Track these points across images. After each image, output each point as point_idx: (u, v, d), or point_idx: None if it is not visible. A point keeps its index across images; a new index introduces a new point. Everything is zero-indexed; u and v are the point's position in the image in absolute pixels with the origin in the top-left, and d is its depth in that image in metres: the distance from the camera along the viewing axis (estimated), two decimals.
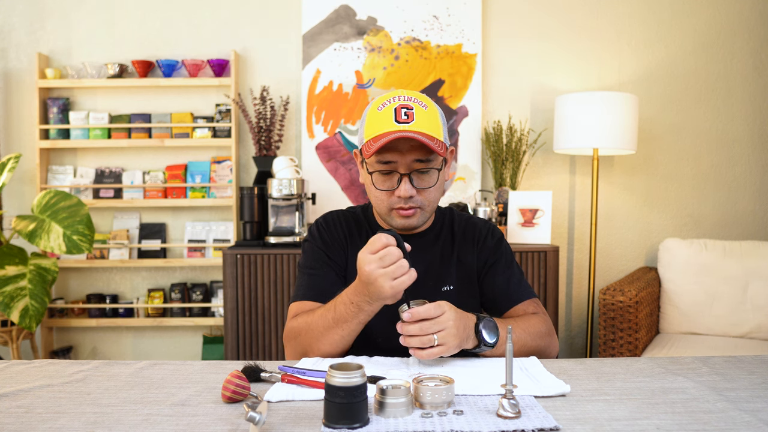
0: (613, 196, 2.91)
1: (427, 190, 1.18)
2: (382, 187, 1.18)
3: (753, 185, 2.90)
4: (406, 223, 1.20)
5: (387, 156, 1.15)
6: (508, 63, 2.89)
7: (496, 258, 1.29)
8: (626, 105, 2.51)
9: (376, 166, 1.16)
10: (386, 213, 1.20)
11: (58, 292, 2.94)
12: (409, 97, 1.16)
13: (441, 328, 0.98)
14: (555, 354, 1.21)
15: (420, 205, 1.18)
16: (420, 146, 1.14)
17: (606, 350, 2.39)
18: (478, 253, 1.30)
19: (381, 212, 1.22)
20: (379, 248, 0.99)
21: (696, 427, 0.76)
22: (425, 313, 0.98)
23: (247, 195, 2.61)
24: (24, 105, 2.91)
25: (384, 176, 1.17)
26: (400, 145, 1.13)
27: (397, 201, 1.17)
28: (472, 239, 1.31)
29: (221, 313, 2.81)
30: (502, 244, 1.32)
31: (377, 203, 1.21)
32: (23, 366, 1.07)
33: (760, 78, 2.88)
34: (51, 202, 2.52)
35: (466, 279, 1.28)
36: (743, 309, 2.49)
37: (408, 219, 1.19)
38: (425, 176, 1.17)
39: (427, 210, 1.20)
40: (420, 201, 1.18)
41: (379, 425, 0.77)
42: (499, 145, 2.77)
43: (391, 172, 1.16)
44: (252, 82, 2.89)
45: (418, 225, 1.22)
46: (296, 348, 1.16)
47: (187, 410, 0.84)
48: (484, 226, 1.34)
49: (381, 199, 1.19)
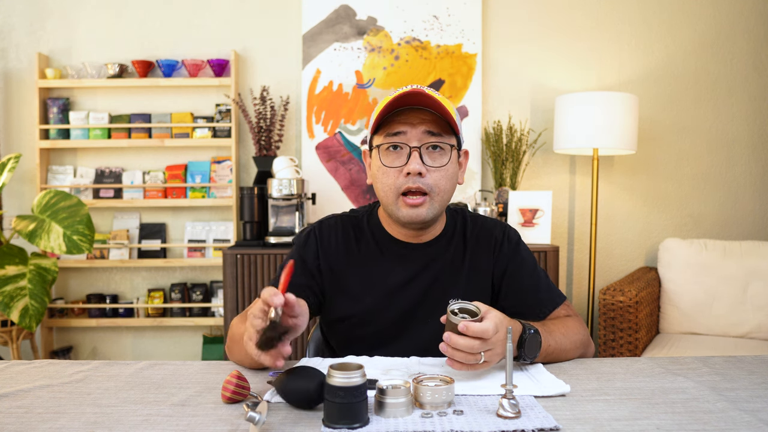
0: (613, 196, 2.91)
1: (438, 172, 1.09)
2: (391, 164, 1.09)
3: (753, 185, 2.91)
4: (413, 213, 1.10)
5: (396, 126, 1.08)
6: (508, 63, 2.89)
7: (517, 265, 1.21)
8: (626, 105, 2.51)
9: (384, 139, 1.10)
10: (393, 201, 1.11)
11: (58, 292, 2.94)
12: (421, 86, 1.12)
13: (490, 348, 0.91)
14: (592, 354, 1.15)
15: (429, 190, 1.09)
16: (432, 120, 1.08)
17: (606, 350, 2.39)
18: (494, 261, 1.21)
19: (389, 201, 1.11)
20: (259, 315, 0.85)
21: (696, 427, 0.76)
22: (481, 333, 0.89)
23: (247, 195, 2.61)
24: (24, 105, 2.91)
25: (392, 152, 1.10)
26: (411, 117, 1.07)
27: (405, 181, 1.08)
28: (487, 246, 1.21)
29: (221, 313, 2.81)
30: (520, 247, 1.23)
31: (385, 190, 1.11)
32: (23, 366, 1.07)
33: (760, 78, 2.88)
34: (51, 202, 2.52)
35: (478, 289, 1.20)
36: (743, 309, 2.49)
37: (416, 209, 1.09)
38: (436, 154, 1.10)
39: (436, 200, 1.11)
40: (430, 185, 1.09)
41: (379, 425, 0.77)
42: (499, 145, 2.77)
43: (400, 147, 1.09)
44: (252, 82, 2.89)
45: (427, 218, 1.11)
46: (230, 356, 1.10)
47: (187, 410, 0.84)
48: (499, 229, 1.24)
49: (389, 183, 1.10)
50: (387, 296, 1.17)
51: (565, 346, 1.08)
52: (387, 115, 1.10)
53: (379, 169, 1.12)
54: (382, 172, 1.11)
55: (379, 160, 1.11)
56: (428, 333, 1.12)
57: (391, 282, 1.18)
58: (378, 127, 1.13)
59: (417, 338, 1.16)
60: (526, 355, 0.99)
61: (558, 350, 1.06)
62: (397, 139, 1.09)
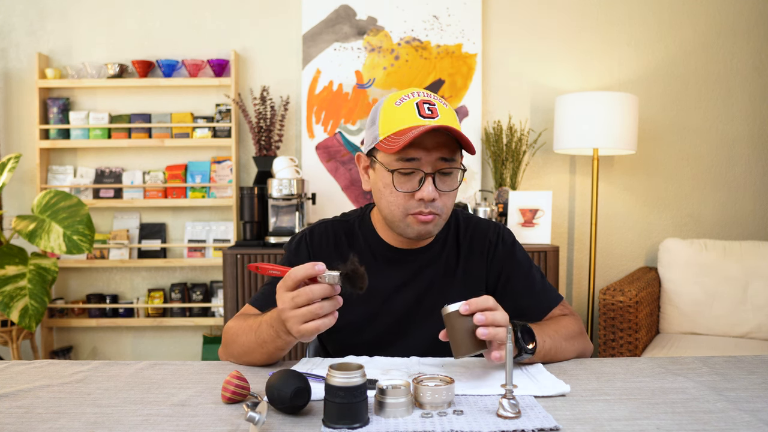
0: (613, 196, 2.91)
1: (447, 195, 1.09)
2: (402, 188, 1.07)
3: (753, 185, 2.90)
4: (423, 229, 1.09)
5: (411, 153, 1.04)
6: (508, 63, 2.89)
7: (512, 267, 1.20)
8: (626, 105, 2.51)
9: (398, 164, 1.06)
10: (401, 219, 1.09)
11: (58, 292, 2.94)
12: (427, 93, 1.09)
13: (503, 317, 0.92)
14: (588, 354, 1.15)
15: (439, 212, 1.09)
16: (445, 144, 1.06)
17: (606, 350, 2.39)
18: (488, 264, 1.20)
19: (394, 218, 1.10)
20: (291, 286, 0.88)
21: (696, 427, 0.76)
22: (483, 301, 0.91)
23: (247, 195, 2.61)
24: (24, 105, 2.91)
25: (404, 176, 1.07)
26: (426, 141, 1.04)
27: (416, 205, 1.07)
28: (481, 249, 1.21)
29: (221, 313, 2.81)
30: (515, 248, 1.23)
31: (391, 208, 1.09)
32: (23, 366, 1.07)
33: (760, 78, 2.88)
34: (51, 202, 2.52)
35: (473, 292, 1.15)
36: (743, 309, 2.49)
37: (426, 225, 1.09)
38: (448, 178, 1.09)
39: (443, 218, 1.11)
40: (439, 207, 1.08)
41: (379, 425, 0.77)
42: (499, 145, 2.77)
43: (413, 172, 1.06)
44: (252, 82, 2.89)
45: (434, 233, 1.12)
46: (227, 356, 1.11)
47: (187, 410, 0.84)
48: (493, 231, 1.23)
49: (397, 203, 1.08)
50: (381, 303, 1.17)
51: (562, 345, 1.07)
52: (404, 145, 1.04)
53: (387, 187, 1.09)
54: (390, 192, 1.09)
55: (391, 182, 1.08)
56: (424, 338, 1.12)
57: (385, 288, 1.17)
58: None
59: (413, 344, 1.16)
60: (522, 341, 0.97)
61: (555, 349, 1.05)
62: (411, 166, 1.06)
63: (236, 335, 1.07)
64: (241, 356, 1.07)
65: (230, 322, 1.12)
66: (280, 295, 0.90)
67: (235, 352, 1.08)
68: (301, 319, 0.87)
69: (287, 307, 0.88)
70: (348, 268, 0.86)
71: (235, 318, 1.13)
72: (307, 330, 0.87)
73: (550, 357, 1.05)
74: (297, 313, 0.87)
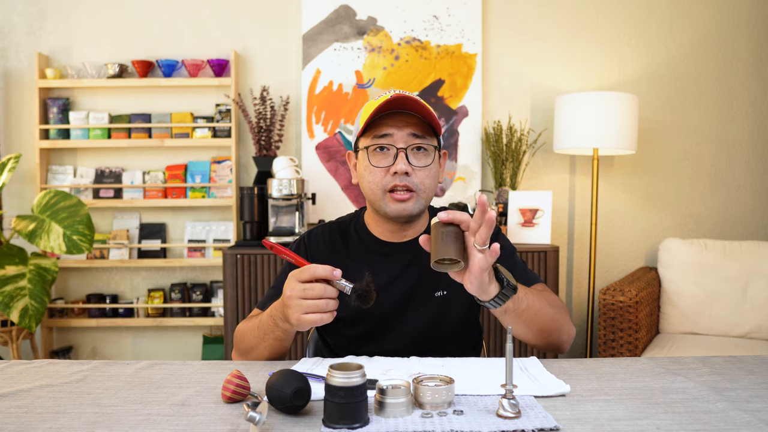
0: (613, 196, 2.92)
1: (422, 171, 1.15)
2: (378, 164, 1.15)
3: (753, 185, 2.91)
4: (401, 208, 1.15)
5: (383, 129, 1.14)
6: (508, 63, 2.89)
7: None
8: (626, 105, 2.51)
9: (371, 141, 1.16)
10: (380, 198, 1.16)
11: (58, 292, 2.94)
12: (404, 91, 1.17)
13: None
14: (570, 335, 1.16)
15: (415, 188, 1.15)
16: (417, 124, 1.14)
17: (606, 350, 2.39)
18: None
19: (375, 197, 1.17)
20: (307, 279, 0.95)
21: (696, 427, 0.76)
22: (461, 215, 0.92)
23: (247, 195, 2.61)
24: (24, 105, 2.91)
25: (380, 153, 1.16)
26: (398, 120, 1.14)
27: (391, 180, 1.14)
28: None
29: (221, 313, 2.81)
30: (499, 237, 1.27)
31: (371, 187, 1.17)
32: (23, 366, 1.07)
33: (760, 78, 2.88)
34: (51, 202, 2.52)
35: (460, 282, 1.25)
36: (743, 309, 2.49)
37: (404, 204, 1.15)
38: (421, 155, 1.16)
39: (422, 197, 1.16)
40: (416, 183, 1.15)
41: (379, 425, 0.77)
42: (499, 145, 2.77)
43: (387, 148, 1.15)
44: (252, 82, 2.89)
45: (413, 212, 1.17)
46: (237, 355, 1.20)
47: (187, 410, 0.84)
48: None
49: (375, 182, 1.15)
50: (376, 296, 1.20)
51: (544, 307, 1.08)
52: (374, 118, 1.15)
53: (366, 168, 1.17)
54: (369, 172, 1.17)
55: (367, 160, 1.17)
56: (418, 327, 1.20)
57: (380, 281, 1.18)
58: (365, 130, 1.18)
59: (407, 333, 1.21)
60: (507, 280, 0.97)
61: (538, 305, 1.06)
62: (384, 141, 1.15)
63: (243, 334, 1.16)
64: (247, 352, 1.14)
65: (239, 324, 1.21)
66: (290, 283, 0.97)
67: (242, 349, 1.16)
68: (305, 309, 0.95)
69: (296, 295, 0.95)
70: (362, 285, 0.95)
71: (243, 321, 1.21)
72: (307, 320, 0.95)
73: (532, 312, 1.05)
74: (303, 303, 0.95)
